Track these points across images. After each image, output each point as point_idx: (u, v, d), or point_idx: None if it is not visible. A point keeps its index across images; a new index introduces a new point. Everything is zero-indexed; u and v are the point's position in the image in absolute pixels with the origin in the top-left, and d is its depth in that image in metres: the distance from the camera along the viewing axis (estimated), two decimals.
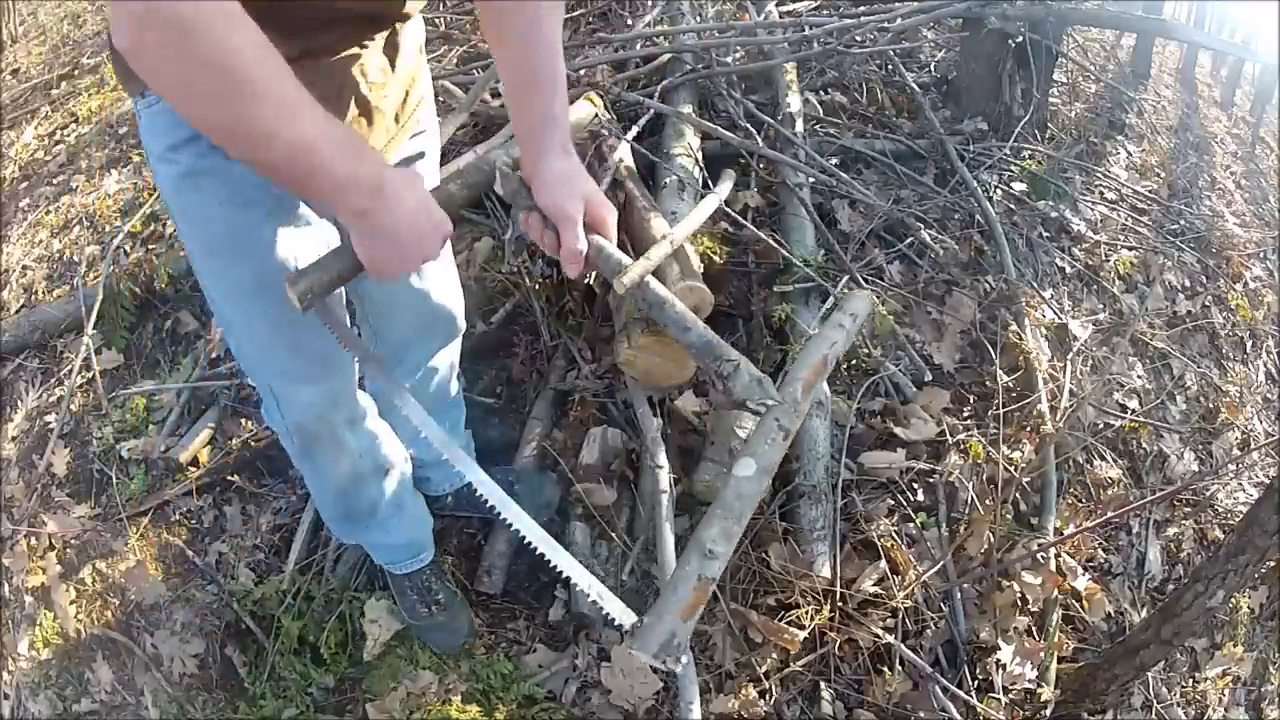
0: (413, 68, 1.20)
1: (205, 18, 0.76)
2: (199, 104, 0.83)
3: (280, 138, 0.84)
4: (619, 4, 3.21)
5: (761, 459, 0.95)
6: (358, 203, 0.92)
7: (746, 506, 0.93)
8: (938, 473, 2.09)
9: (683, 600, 0.85)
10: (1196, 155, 4.23)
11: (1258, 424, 2.90)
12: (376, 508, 1.58)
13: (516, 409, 2.17)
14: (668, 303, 1.07)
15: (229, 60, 0.78)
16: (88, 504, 2.09)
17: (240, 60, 0.79)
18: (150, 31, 0.77)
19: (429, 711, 1.71)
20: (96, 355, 2.34)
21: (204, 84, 0.80)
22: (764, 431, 0.97)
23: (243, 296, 1.18)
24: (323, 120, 0.86)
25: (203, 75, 0.79)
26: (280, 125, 0.83)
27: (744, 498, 0.93)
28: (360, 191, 0.91)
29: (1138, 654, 1.75)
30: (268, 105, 0.82)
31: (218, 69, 0.78)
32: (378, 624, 1.81)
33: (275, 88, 0.82)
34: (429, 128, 1.33)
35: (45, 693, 1.83)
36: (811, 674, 1.79)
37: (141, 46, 0.79)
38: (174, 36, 0.76)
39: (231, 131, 0.84)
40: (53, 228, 2.94)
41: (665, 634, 0.83)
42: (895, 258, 2.54)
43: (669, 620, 0.83)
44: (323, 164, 0.87)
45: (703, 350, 1.04)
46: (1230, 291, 3.28)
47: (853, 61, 3.14)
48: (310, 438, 1.40)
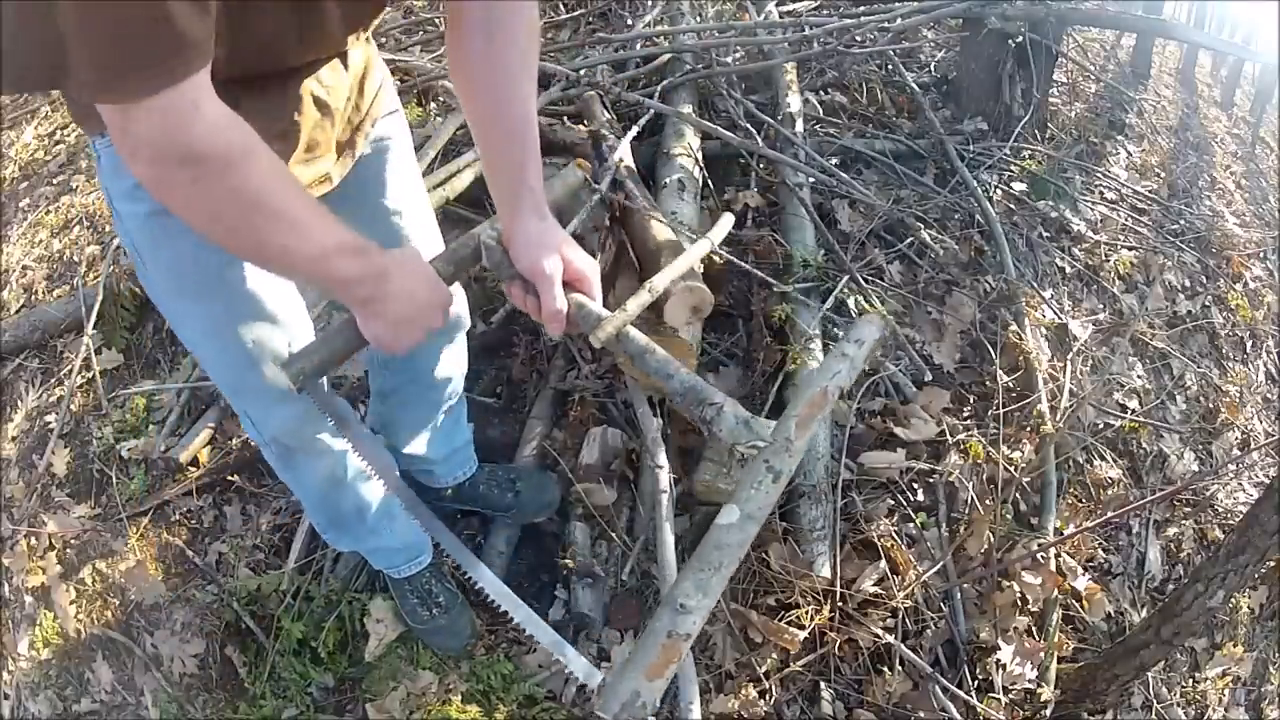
0: (363, 58, 1.19)
1: (224, 153, 0.82)
2: (220, 231, 0.89)
3: (297, 253, 0.91)
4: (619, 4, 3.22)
5: (746, 505, 0.88)
6: (363, 292, 0.98)
7: (727, 557, 0.86)
8: (938, 473, 2.09)
9: (650, 659, 0.80)
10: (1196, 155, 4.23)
11: (1258, 424, 2.90)
12: (364, 514, 1.57)
13: (516, 409, 2.17)
14: (649, 351, 1.05)
15: (250, 194, 0.85)
16: (88, 504, 2.09)
17: (260, 193, 0.85)
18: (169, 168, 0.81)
19: (429, 711, 1.71)
20: (96, 355, 2.34)
21: (227, 215, 0.86)
22: (752, 475, 0.91)
23: (215, 331, 1.19)
24: (331, 229, 0.93)
25: (226, 207, 0.85)
26: (296, 243, 0.90)
27: (724, 548, 0.87)
28: (365, 283, 0.97)
29: (1138, 654, 1.75)
30: (284, 227, 0.89)
31: (240, 202, 0.85)
32: (382, 624, 1.81)
33: (291, 210, 0.89)
34: (394, 108, 1.32)
35: (45, 693, 1.84)
36: (811, 674, 1.79)
37: (161, 181, 0.83)
38: (195, 173, 0.81)
39: (249, 251, 0.93)
40: (53, 228, 2.94)
41: (628, 694, 0.78)
42: (895, 258, 2.54)
43: (632, 680, 0.78)
44: (333, 269, 0.94)
45: (686, 396, 1.00)
46: (1230, 291, 3.28)
47: (853, 61, 3.14)
48: (288, 449, 1.40)
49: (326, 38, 1.04)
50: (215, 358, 1.27)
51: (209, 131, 0.80)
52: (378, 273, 0.98)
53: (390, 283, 0.99)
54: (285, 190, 0.89)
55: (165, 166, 0.82)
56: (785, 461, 0.91)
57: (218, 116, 0.81)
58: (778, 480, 0.90)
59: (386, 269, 0.99)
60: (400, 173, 1.34)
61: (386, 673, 1.78)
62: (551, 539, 1.96)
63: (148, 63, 0.75)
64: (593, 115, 2.42)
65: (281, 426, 1.35)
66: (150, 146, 0.80)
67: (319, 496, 1.55)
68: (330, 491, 1.51)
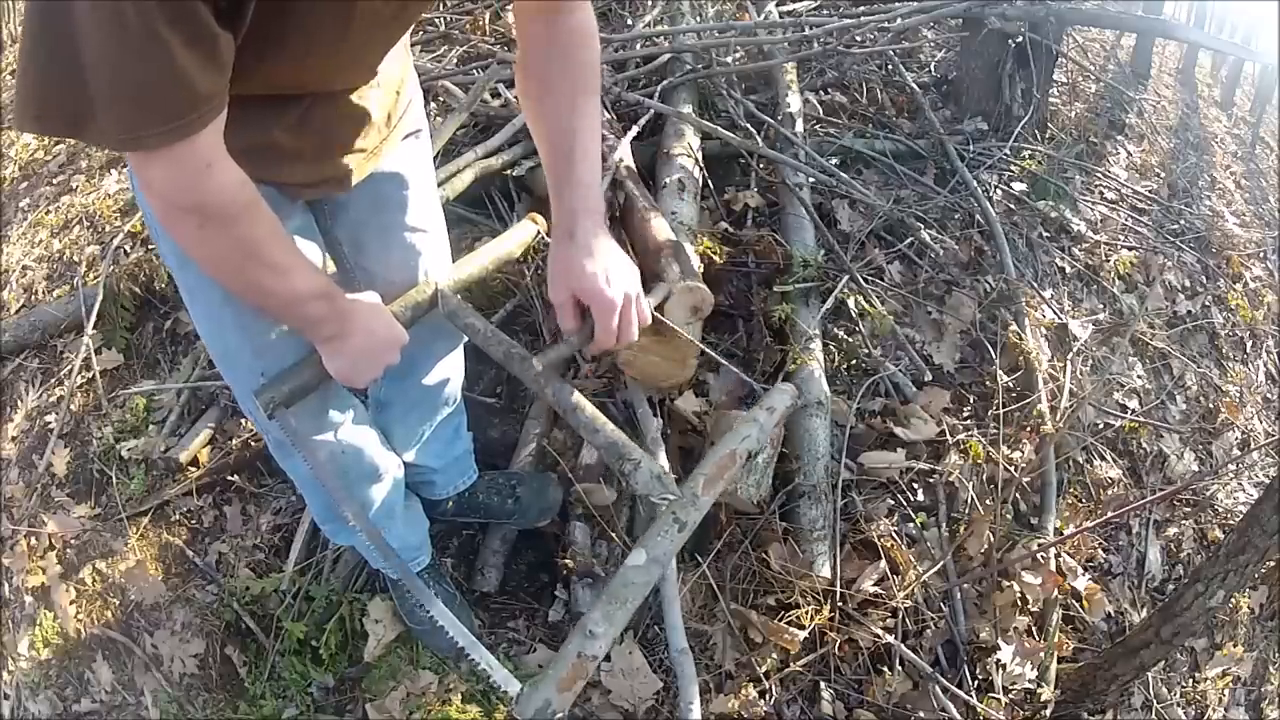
0: (400, 72, 1.21)
1: (229, 209, 0.91)
2: (216, 271, 1.01)
3: (280, 296, 1.04)
4: (619, 4, 3.22)
5: (653, 549, 1.03)
6: (328, 330, 1.11)
7: (633, 594, 1.00)
8: (938, 473, 2.09)
9: (561, 673, 0.94)
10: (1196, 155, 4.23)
11: (1258, 424, 2.90)
12: (365, 514, 1.57)
13: (517, 409, 2.17)
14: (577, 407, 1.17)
15: (249, 246, 0.96)
16: (88, 504, 2.09)
17: (258, 245, 0.97)
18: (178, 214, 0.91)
19: (429, 711, 1.71)
20: (96, 355, 2.34)
21: (226, 261, 0.98)
22: (660, 524, 1.05)
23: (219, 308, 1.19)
24: (309, 276, 1.06)
25: (226, 254, 0.97)
26: (281, 288, 1.03)
27: (631, 585, 1.01)
28: (330, 322, 1.10)
29: (1138, 654, 1.75)
30: (274, 275, 1.01)
31: (239, 251, 0.96)
32: (381, 624, 1.81)
33: (282, 261, 1.01)
34: (421, 127, 1.33)
35: (45, 693, 1.84)
36: (811, 674, 1.79)
37: (170, 221, 0.93)
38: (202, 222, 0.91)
39: (238, 289, 1.04)
40: (53, 228, 2.94)
41: (541, 702, 0.93)
42: (895, 258, 2.54)
43: (545, 690, 0.93)
44: (306, 311, 1.08)
45: (609, 450, 1.14)
46: (1230, 291, 3.28)
47: (853, 61, 3.14)
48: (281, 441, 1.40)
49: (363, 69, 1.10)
50: (217, 335, 1.27)
51: (218, 189, 0.89)
52: (341, 315, 1.10)
53: (351, 323, 1.12)
54: (278, 243, 1.00)
55: (175, 212, 0.91)
56: (691, 514, 1.06)
57: (227, 176, 0.89)
58: (683, 530, 1.05)
59: (349, 312, 1.12)
60: (420, 193, 1.35)
61: (386, 673, 1.78)
62: (551, 539, 1.96)
63: (166, 120, 0.80)
64: None
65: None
66: (163, 192, 0.88)
67: (319, 489, 1.54)
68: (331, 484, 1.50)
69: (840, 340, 2.27)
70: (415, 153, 1.32)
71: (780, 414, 1.21)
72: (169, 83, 0.78)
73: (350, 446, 1.43)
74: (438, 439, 1.69)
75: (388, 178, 1.28)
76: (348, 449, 1.43)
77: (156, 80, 0.77)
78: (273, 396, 1.15)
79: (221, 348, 1.28)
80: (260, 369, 1.22)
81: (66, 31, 0.75)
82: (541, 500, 1.87)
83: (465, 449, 1.82)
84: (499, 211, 2.40)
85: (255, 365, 1.23)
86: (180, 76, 0.78)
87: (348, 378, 1.17)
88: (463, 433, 1.79)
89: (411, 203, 1.33)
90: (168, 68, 0.77)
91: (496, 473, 1.92)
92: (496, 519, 1.90)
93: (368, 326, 1.15)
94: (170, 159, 0.84)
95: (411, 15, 1.06)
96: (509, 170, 2.38)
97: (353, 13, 0.92)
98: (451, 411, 1.69)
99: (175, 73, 0.77)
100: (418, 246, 1.36)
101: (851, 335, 2.29)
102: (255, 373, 1.23)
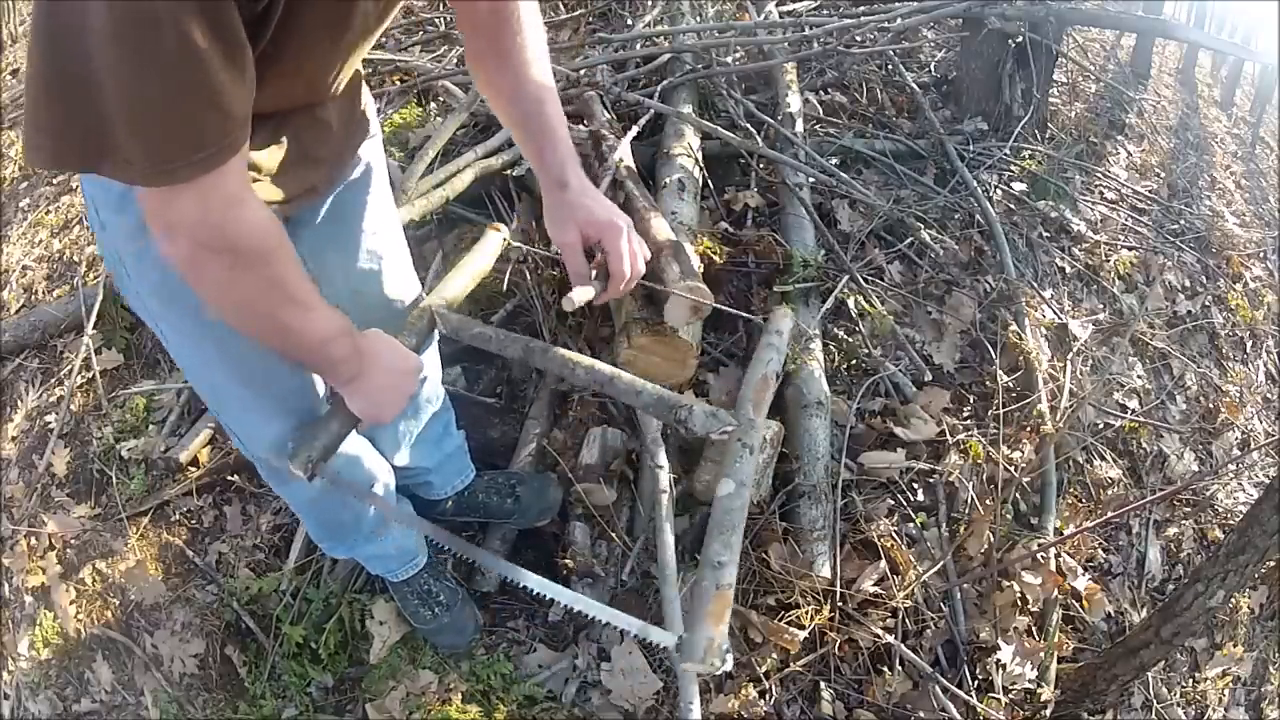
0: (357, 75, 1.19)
1: (262, 246, 0.87)
2: (244, 315, 0.94)
3: (305, 336, 0.99)
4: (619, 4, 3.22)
5: (737, 475, 1.07)
6: (349, 370, 1.06)
7: (737, 518, 1.04)
8: (938, 473, 2.09)
9: (711, 608, 0.97)
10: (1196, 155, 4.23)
11: (1258, 424, 2.90)
12: (360, 523, 1.58)
13: (517, 409, 2.17)
14: (615, 377, 1.18)
15: (280, 284, 0.92)
16: (88, 504, 2.09)
17: (287, 284, 0.92)
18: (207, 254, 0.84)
19: (429, 711, 1.71)
20: (96, 355, 2.34)
21: (258, 303, 0.92)
22: (732, 453, 1.10)
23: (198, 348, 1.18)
24: (333, 315, 1.01)
25: (257, 295, 0.91)
26: (309, 328, 0.98)
27: (732, 512, 1.04)
28: (351, 361, 1.06)
29: (1138, 654, 1.75)
30: (300, 314, 0.96)
31: (271, 291, 0.91)
32: (386, 625, 1.81)
33: (308, 299, 0.96)
34: (375, 132, 1.33)
35: (45, 693, 1.84)
36: (811, 674, 1.79)
37: (196, 264, 0.85)
38: (233, 261, 0.85)
39: (265, 333, 0.97)
40: (53, 228, 2.94)
41: (705, 640, 0.94)
42: (895, 258, 2.54)
43: (704, 629, 0.95)
44: (331, 351, 1.03)
45: (658, 406, 1.16)
46: (1230, 291, 3.28)
47: (853, 61, 3.14)
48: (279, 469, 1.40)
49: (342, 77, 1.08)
50: (200, 375, 1.27)
51: (251, 224, 0.84)
52: (361, 351, 1.06)
53: (371, 361, 1.08)
54: (304, 280, 0.95)
55: (203, 251, 0.84)
56: (753, 436, 1.11)
57: (258, 209, 0.85)
58: (753, 452, 1.10)
59: (365, 348, 1.08)
60: (378, 198, 1.35)
61: (386, 672, 1.78)
62: (551, 539, 1.96)
63: (197, 148, 0.74)
64: (593, 115, 2.41)
65: (273, 445, 1.34)
66: (191, 231, 0.81)
67: (315, 511, 1.57)
68: (324, 503, 1.51)
69: (840, 340, 2.27)
70: (373, 157, 1.32)
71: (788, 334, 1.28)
72: (205, 102, 0.69)
73: (343, 461, 1.43)
74: (426, 438, 1.68)
75: (350, 185, 1.27)
76: (340, 465, 1.42)
77: (192, 98, 0.69)
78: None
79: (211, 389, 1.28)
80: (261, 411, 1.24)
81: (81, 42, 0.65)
82: (541, 500, 1.87)
83: (457, 446, 1.81)
84: (499, 211, 2.40)
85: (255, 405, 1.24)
86: (216, 95, 0.70)
87: (376, 416, 1.13)
88: (452, 430, 1.79)
89: (371, 207, 1.32)
90: (205, 84, 0.68)
91: (496, 472, 1.92)
92: (496, 519, 1.89)
93: (385, 359, 1.11)
94: (200, 193, 0.76)
95: (387, 14, 1.04)
96: (509, 170, 2.39)
97: (352, 14, 0.91)
98: (438, 410, 1.68)
99: (212, 90, 0.69)
100: (379, 251, 1.36)
101: (851, 335, 2.29)
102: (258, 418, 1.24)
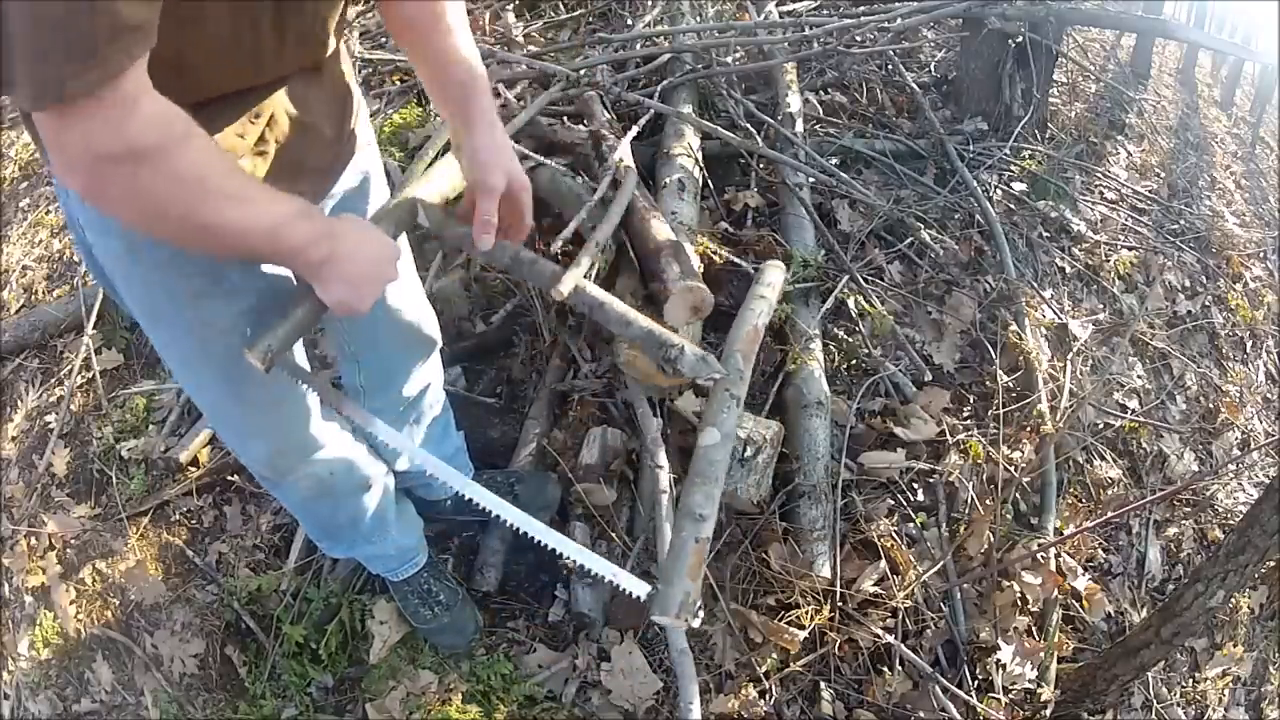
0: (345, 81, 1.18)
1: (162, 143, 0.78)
2: (167, 224, 0.85)
3: (249, 229, 0.89)
4: (619, 4, 3.22)
5: (722, 426, 1.07)
6: (315, 255, 0.96)
7: (719, 470, 1.03)
8: (938, 473, 2.09)
9: (688, 562, 0.96)
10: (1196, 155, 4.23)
11: (1258, 424, 2.90)
12: (358, 524, 1.58)
13: (517, 409, 2.17)
14: (605, 303, 1.14)
15: (193, 178, 0.82)
16: (88, 504, 2.09)
17: (203, 175, 0.82)
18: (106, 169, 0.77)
19: (429, 711, 1.71)
20: (96, 355, 2.34)
21: (173, 204, 0.82)
22: (718, 402, 1.09)
23: (190, 359, 1.18)
24: (277, 199, 0.92)
25: (170, 196, 0.81)
26: (246, 218, 0.88)
27: (715, 463, 1.04)
28: (317, 245, 0.96)
29: (1138, 654, 1.75)
30: (231, 205, 0.86)
31: (183, 188, 0.81)
32: (386, 625, 1.81)
33: (235, 188, 0.86)
34: (370, 139, 1.32)
35: (45, 693, 1.84)
36: (811, 674, 1.79)
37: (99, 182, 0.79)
38: (134, 169, 0.77)
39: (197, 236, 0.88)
40: (53, 228, 2.94)
41: (681, 594, 0.93)
42: (895, 258, 2.54)
43: (680, 583, 0.94)
44: (286, 236, 0.93)
45: (647, 340, 1.13)
46: (1230, 291, 3.28)
47: (853, 61, 3.14)
48: (274, 477, 1.42)
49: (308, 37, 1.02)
50: (192, 387, 1.27)
51: (148, 122, 0.77)
52: (328, 233, 0.97)
53: (341, 241, 0.99)
54: (226, 169, 0.86)
55: (103, 166, 0.77)
56: (740, 388, 1.11)
57: (156, 106, 0.78)
58: (738, 404, 1.10)
59: (334, 229, 0.99)
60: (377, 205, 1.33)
61: (386, 672, 1.78)
62: None
63: (85, 59, 0.69)
64: (593, 115, 2.41)
65: (262, 461, 1.37)
66: (86, 152, 0.76)
67: (313, 514, 1.58)
68: (320, 506, 1.52)
69: (840, 340, 2.27)
70: (370, 166, 1.31)
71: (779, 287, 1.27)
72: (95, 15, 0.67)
73: (339, 466, 1.44)
74: (428, 441, 1.69)
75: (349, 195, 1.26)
76: (336, 469, 1.43)
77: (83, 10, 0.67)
78: (269, 345, 1.02)
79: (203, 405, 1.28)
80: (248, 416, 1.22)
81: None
82: (540, 498, 1.87)
83: (456, 447, 1.82)
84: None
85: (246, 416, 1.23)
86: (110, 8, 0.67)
87: (351, 304, 1.02)
88: (451, 431, 1.79)
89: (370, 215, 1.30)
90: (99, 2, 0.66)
91: (494, 471, 1.92)
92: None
93: (358, 241, 1.02)
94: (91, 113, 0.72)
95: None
96: None
97: None
98: (438, 414, 1.69)
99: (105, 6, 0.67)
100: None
101: (851, 335, 2.29)
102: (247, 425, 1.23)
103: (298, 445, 1.35)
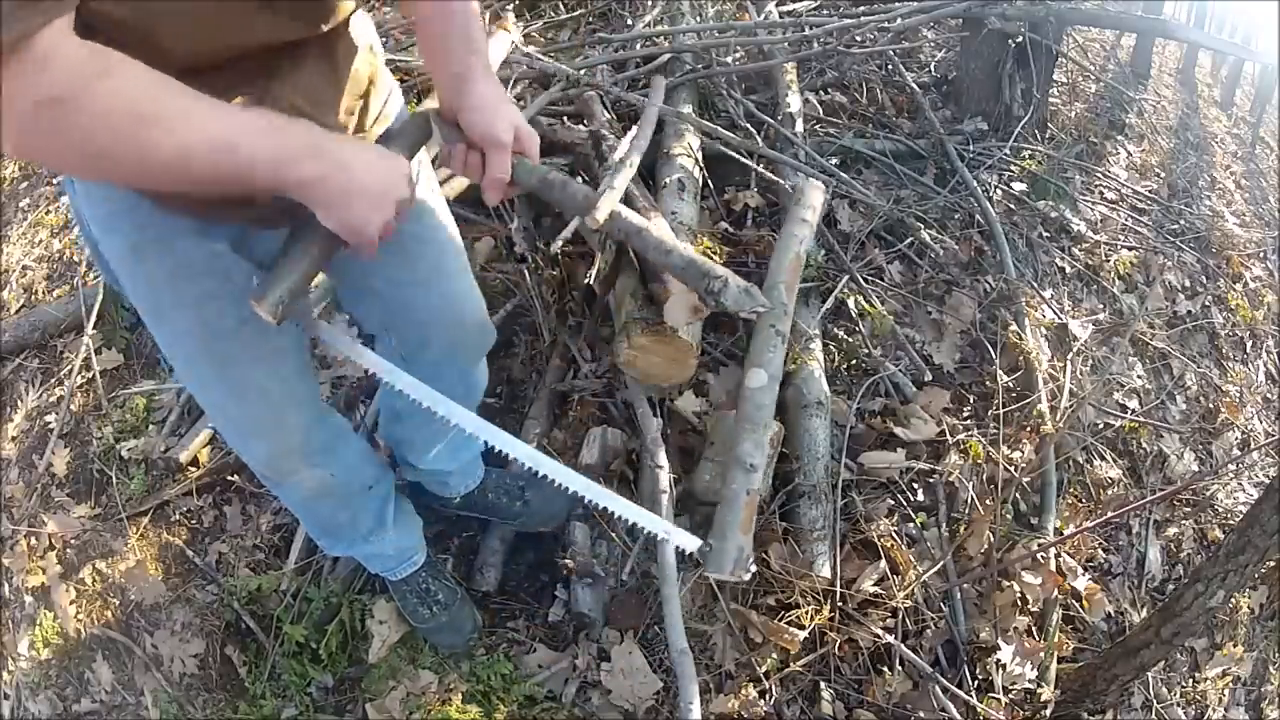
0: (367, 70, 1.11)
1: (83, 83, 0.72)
2: (108, 161, 0.78)
3: (196, 149, 0.79)
4: (619, 4, 3.22)
5: (769, 367, 1.03)
6: (302, 172, 0.86)
7: (766, 414, 0.98)
8: (938, 473, 2.09)
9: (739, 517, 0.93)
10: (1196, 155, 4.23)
11: (1258, 424, 2.90)
12: (358, 523, 1.58)
13: (517, 409, 2.17)
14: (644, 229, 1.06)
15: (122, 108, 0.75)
16: (88, 504, 2.09)
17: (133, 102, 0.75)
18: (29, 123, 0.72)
19: (429, 711, 1.71)
20: (96, 355, 2.34)
21: (108, 141, 0.76)
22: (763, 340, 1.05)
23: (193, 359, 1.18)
24: (229, 111, 0.82)
25: (101, 133, 0.75)
26: (193, 136, 0.79)
27: (762, 407, 1.00)
28: (300, 160, 0.86)
29: (1138, 654, 1.75)
30: (173, 126, 0.78)
31: (114, 121, 0.75)
32: (386, 625, 1.81)
33: (173, 106, 0.78)
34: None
35: (45, 693, 1.84)
36: (811, 674, 1.79)
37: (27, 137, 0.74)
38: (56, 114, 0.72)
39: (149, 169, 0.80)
40: (53, 228, 2.94)
41: (735, 550, 0.91)
42: (895, 258, 2.54)
43: (733, 537, 0.91)
44: (250, 153, 0.82)
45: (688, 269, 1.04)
46: (1230, 291, 3.28)
47: (853, 61, 3.14)
48: (276, 476, 1.42)
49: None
50: (194, 385, 1.27)
51: (63, 63, 0.71)
52: (309, 145, 0.87)
53: (336, 153, 0.89)
54: (160, 90, 0.77)
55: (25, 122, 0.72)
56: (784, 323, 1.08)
57: (69, 47, 0.72)
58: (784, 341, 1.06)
59: (324, 144, 0.89)
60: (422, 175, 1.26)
61: (386, 672, 1.78)
62: (551, 539, 1.96)
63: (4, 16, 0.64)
64: (593, 115, 2.42)
65: (262, 460, 1.37)
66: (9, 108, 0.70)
67: (313, 513, 1.58)
68: (321, 506, 1.52)
69: (840, 340, 2.27)
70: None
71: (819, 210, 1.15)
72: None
73: (341, 466, 1.44)
74: (451, 444, 1.70)
75: None
76: (337, 469, 1.43)
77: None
78: (279, 296, 0.93)
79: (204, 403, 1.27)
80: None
81: None
82: (549, 507, 1.87)
83: (477, 452, 1.82)
84: (499, 211, 2.40)
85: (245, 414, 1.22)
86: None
87: (359, 228, 0.92)
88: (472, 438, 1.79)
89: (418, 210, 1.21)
90: None
91: (506, 472, 1.91)
92: (501, 519, 1.90)
93: (355, 153, 0.91)
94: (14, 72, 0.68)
95: None
96: None
97: None
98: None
99: None
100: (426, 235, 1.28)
101: (851, 335, 2.29)
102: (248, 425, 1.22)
103: (300, 445, 1.34)
